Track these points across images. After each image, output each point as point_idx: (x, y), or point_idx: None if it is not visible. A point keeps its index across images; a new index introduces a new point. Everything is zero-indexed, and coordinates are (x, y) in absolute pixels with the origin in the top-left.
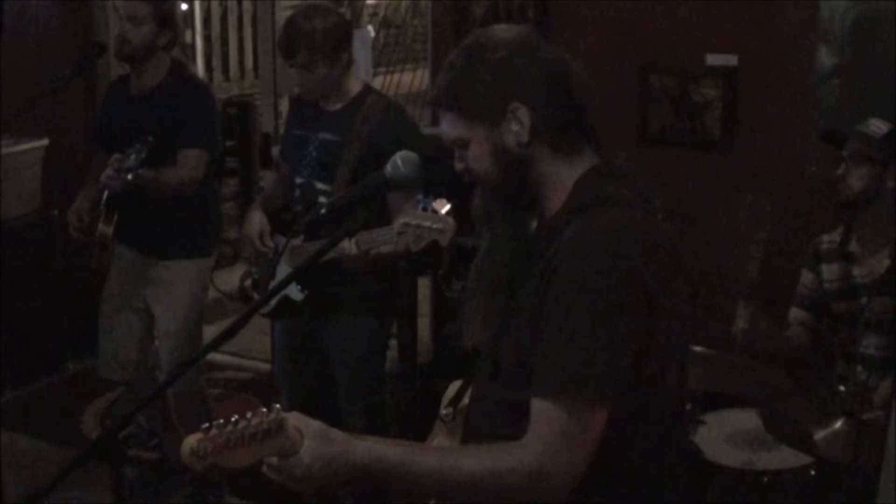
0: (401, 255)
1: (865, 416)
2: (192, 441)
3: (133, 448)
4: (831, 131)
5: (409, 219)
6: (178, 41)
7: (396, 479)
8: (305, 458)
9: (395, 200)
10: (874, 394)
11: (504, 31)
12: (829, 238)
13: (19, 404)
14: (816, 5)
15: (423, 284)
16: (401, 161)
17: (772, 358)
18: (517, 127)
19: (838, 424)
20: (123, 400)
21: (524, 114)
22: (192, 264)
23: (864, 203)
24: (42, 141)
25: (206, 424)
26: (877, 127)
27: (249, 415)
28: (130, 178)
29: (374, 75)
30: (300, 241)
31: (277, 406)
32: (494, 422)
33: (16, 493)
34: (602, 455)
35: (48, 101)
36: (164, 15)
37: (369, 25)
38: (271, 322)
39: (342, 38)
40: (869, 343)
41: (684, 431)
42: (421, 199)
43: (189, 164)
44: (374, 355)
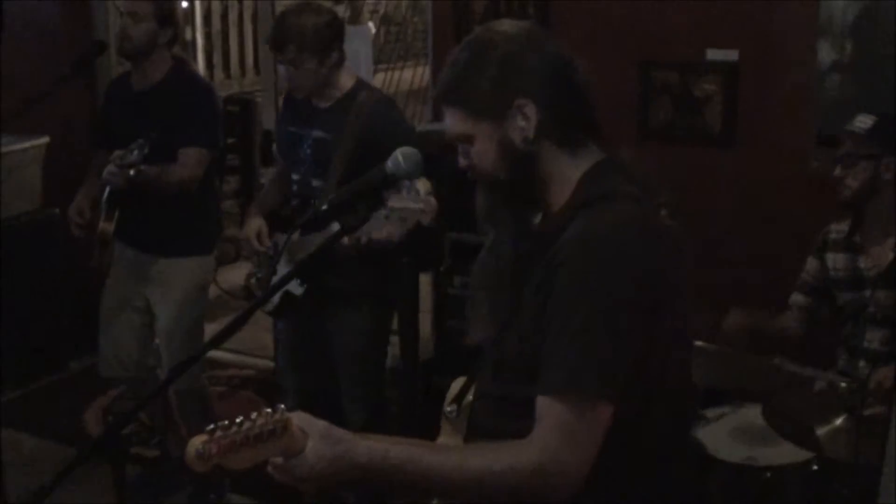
0: (392, 240)
1: (867, 412)
2: (196, 443)
3: (135, 446)
4: (828, 136)
5: (393, 202)
6: (179, 39)
7: (401, 478)
8: (310, 458)
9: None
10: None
11: (507, 26)
12: (838, 227)
13: (21, 403)
14: (817, 2)
15: (425, 281)
16: (401, 156)
17: (764, 345)
18: (523, 123)
19: (840, 420)
20: (124, 398)
21: (531, 110)
22: (193, 262)
23: (864, 199)
24: (43, 139)
25: (211, 426)
26: (862, 122)
27: (254, 415)
28: (133, 173)
29: (375, 72)
30: (298, 236)
31: (282, 406)
32: (498, 418)
33: (18, 492)
34: (608, 451)
35: (49, 99)
36: (165, 12)
37: (370, 22)
38: (273, 319)
39: (333, 36)
40: (873, 337)
41: (689, 427)
42: (406, 183)
43: (190, 162)
44: (374, 349)
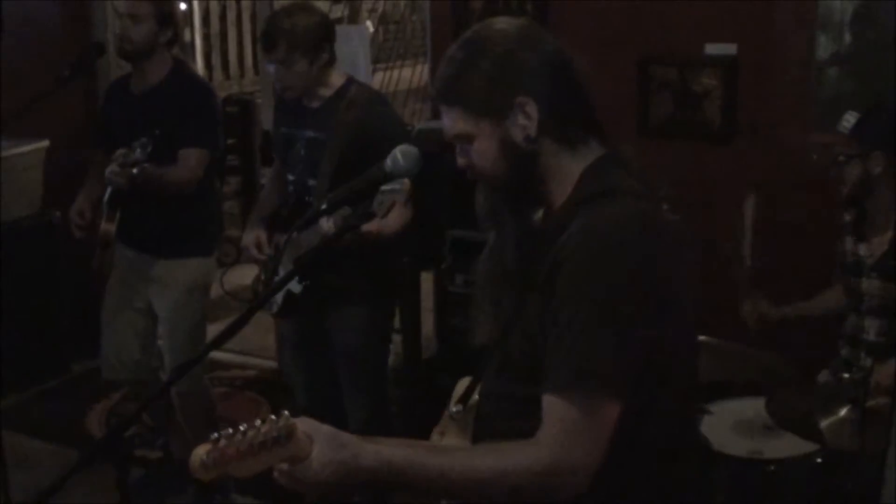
0: (383, 232)
1: (870, 404)
2: (200, 452)
3: (138, 448)
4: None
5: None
6: (179, 40)
7: (408, 481)
8: (316, 463)
9: None
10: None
11: (504, 23)
12: (849, 213)
13: (24, 406)
14: None
15: (426, 279)
16: (400, 155)
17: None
18: (525, 121)
19: (843, 412)
20: (127, 400)
21: (532, 108)
22: (194, 263)
23: (862, 196)
24: (42, 142)
25: (215, 435)
26: (847, 121)
27: (258, 423)
28: (136, 171)
29: (374, 71)
30: (297, 235)
31: (286, 413)
32: (505, 417)
33: (21, 495)
34: (614, 448)
35: (48, 102)
36: (164, 13)
37: (368, 21)
38: (274, 320)
39: (323, 36)
40: (870, 327)
41: (695, 423)
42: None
43: (190, 163)
44: (374, 348)
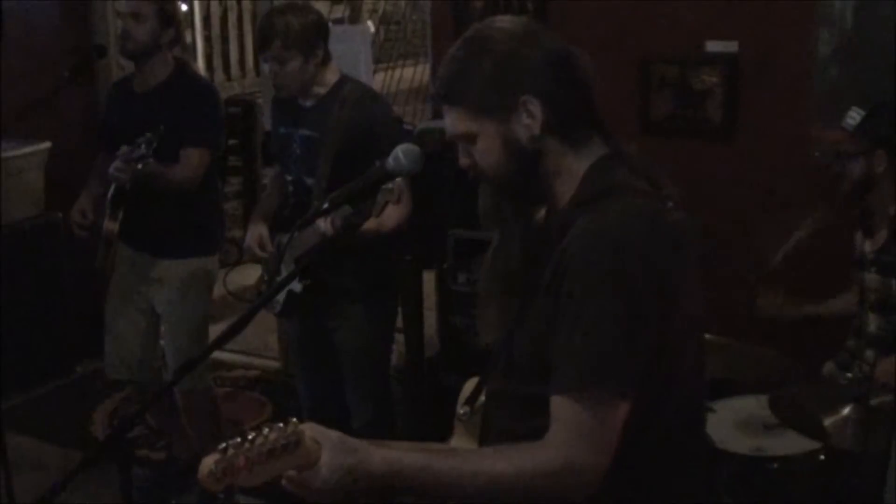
0: (380, 231)
1: (874, 402)
2: (209, 462)
3: (142, 449)
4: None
5: None
6: (181, 40)
7: (418, 485)
8: (324, 469)
9: None
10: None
11: (505, 21)
12: (855, 209)
13: (27, 407)
14: None
15: (429, 278)
16: (402, 154)
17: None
18: (529, 120)
19: (847, 410)
20: (131, 401)
21: (536, 107)
22: (196, 263)
23: (864, 193)
24: (44, 144)
25: (223, 445)
26: (851, 118)
27: (266, 431)
28: (140, 167)
29: (375, 71)
30: (297, 234)
31: (294, 420)
32: (512, 418)
33: (26, 496)
34: (623, 448)
35: (49, 104)
36: (167, 12)
37: (369, 21)
38: (278, 320)
39: (318, 34)
40: (872, 321)
41: (703, 421)
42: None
43: (192, 162)
44: (376, 346)
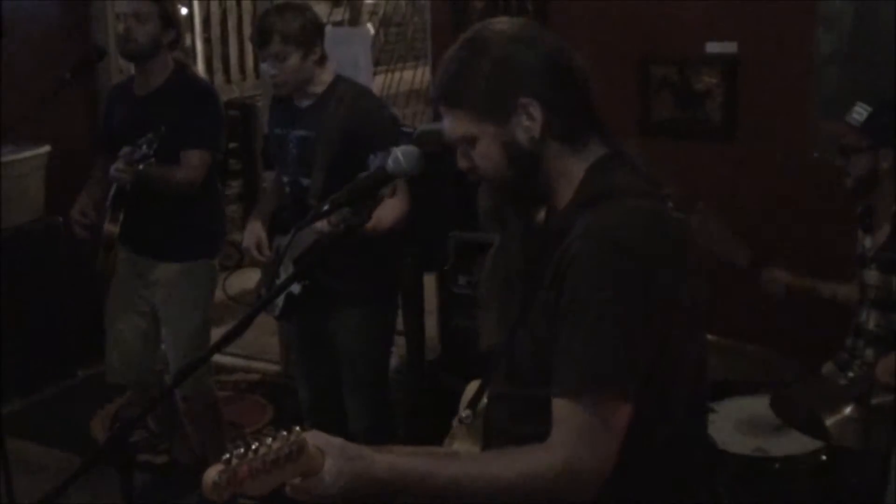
0: (377, 228)
1: (875, 401)
2: (213, 473)
3: (143, 453)
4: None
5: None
6: (180, 42)
7: (420, 491)
8: (328, 477)
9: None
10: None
11: (504, 23)
12: (858, 205)
13: (28, 412)
14: None
15: (429, 281)
16: (402, 155)
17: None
18: (529, 122)
19: (848, 410)
20: (132, 405)
21: (535, 109)
22: (197, 266)
23: (867, 189)
24: (44, 148)
25: (227, 455)
26: (858, 114)
27: (269, 440)
28: (142, 167)
29: (375, 74)
30: (293, 234)
31: (297, 428)
32: (515, 421)
33: (27, 501)
34: (625, 450)
35: (49, 108)
36: (168, 13)
37: (368, 24)
38: (279, 323)
39: (315, 32)
40: (871, 318)
41: (705, 421)
42: (371, 158)
43: (192, 164)
44: (375, 349)
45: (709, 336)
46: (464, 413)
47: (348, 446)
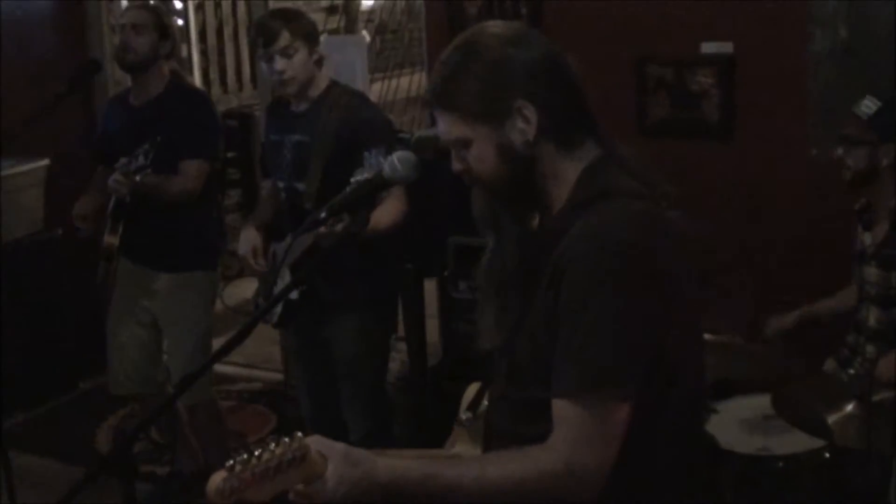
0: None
1: (876, 399)
2: (217, 480)
3: (146, 464)
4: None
5: (357, 177)
6: (176, 52)
7: (423, 494)
8: (331, 482)
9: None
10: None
11: (498, 26)
12: (859, 202)
13: (31, 425)
14: None
15: (430, 287)
16: (398, 161)
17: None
18: (524, 125)
19: (850, 407)
20: (135, 416)
21: (530, 111)
22: (198, 277)
23: (865, 182)
24: (42, 161)
25: (230, 461)
26: (867, 107)
27: (272, 445)
28: (139, 178)
29: (372, 81)
30: (290, 240)
31: (299, 434)
32: (515, 422)
33: None
34: (624, 449)
35: (47, 121)
36: (164, 25)
37: (364, 31)
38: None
39: (315, 33)
40: (871, 315)
41: (703, 420)
42: (366, 155)
43: (190, 174)
44: (372, 357)
45: (710, 336)
46: (464, 415)
47: (351, 451)
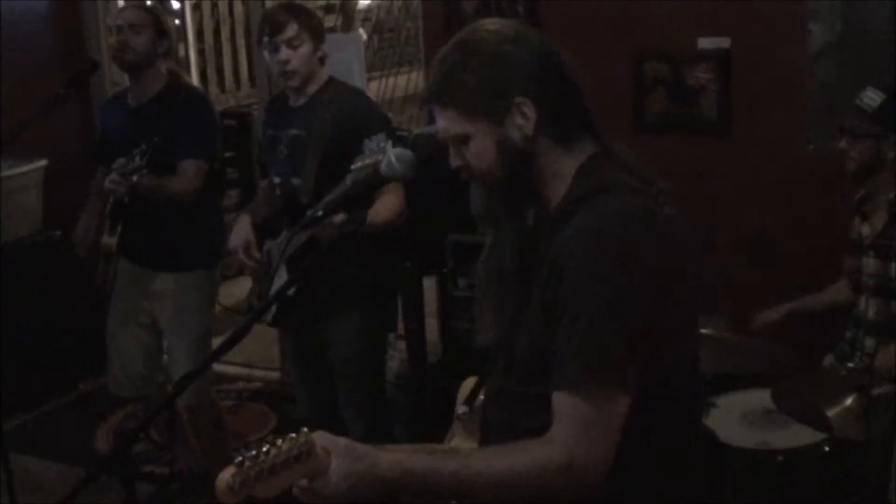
0: (374, 223)
1: (876, 392)
2: (226, 476)
3: (146, 464)
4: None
5: (356, 164)
6: (172, 51)
7: (426, 487)
8: (335, 477)
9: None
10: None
11: (495, 24)
12: (857, 192)
13: (30, 427)
14: None
15: (429, 285)
16: (395, 158)
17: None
18: (522, 121)
19: (849, 400)
20: (134, 416)
21: (529, 107)
22: (197, 277)
23: (868, 174)
24: (41, 162)
25: (239, 458)
26: (870, 99)
27: (279, 442)
28: (136, 179)
29: (369, 80)
30: (285, 235)
31: (305, 429)
32: (512, 416)
33: None
34: (622, 442)
35: (45, 122)
36: (161, 24)
37: (361, 29)
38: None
39: (322, 31)
40: (870, 306)
41: (699, 413)
42: (367, 142)
43: (189, 173)
44: (370, 355)
45: (709, 331)
46: (461, 410)
47: (354, 446)
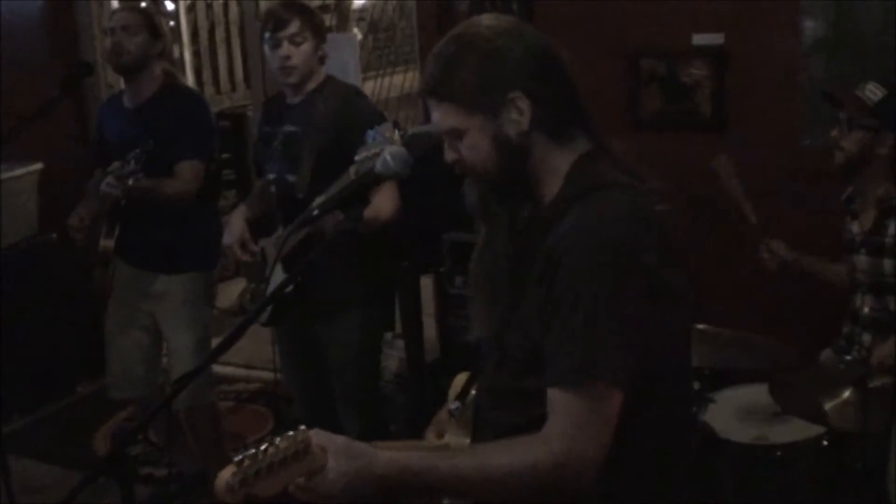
0: (378, 218)
1: (873, 385)
2: (226, 475)
3: (144, 465)
4: (830, 95)
5: (359, 156)
6: (167, 53)
7: (423, 485)
8: (332, 475)
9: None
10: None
11: (491, 19)
12: (846, 189)
13: (29, 430)
14: None
15: (426, 284)
16: (390, 157)
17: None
18: (517, 116)
19: (847, 394)
20: (132, 419)
21: (524, 103)
22: (195, 278)
23: (857, 167)
24: (36, 165)
25: (238, 457)
26: (872, 93)
27: (277, 440)
28: (132, 182)
29: (365, 80)
30: (281, 233)
31: (302, 427)
32: (504, 412)
33: None
34: (617, 439)
35: (40, 125)
36: (155, 25)
37: (356, 29)
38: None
39: (324, 31)
40: (865, 303)
41: (691, 409)
42: (370, 133)
43: (186, 175)
44: (366, 354)
45: (706, 326)
46: (453, 405)
47: (351, 444)
